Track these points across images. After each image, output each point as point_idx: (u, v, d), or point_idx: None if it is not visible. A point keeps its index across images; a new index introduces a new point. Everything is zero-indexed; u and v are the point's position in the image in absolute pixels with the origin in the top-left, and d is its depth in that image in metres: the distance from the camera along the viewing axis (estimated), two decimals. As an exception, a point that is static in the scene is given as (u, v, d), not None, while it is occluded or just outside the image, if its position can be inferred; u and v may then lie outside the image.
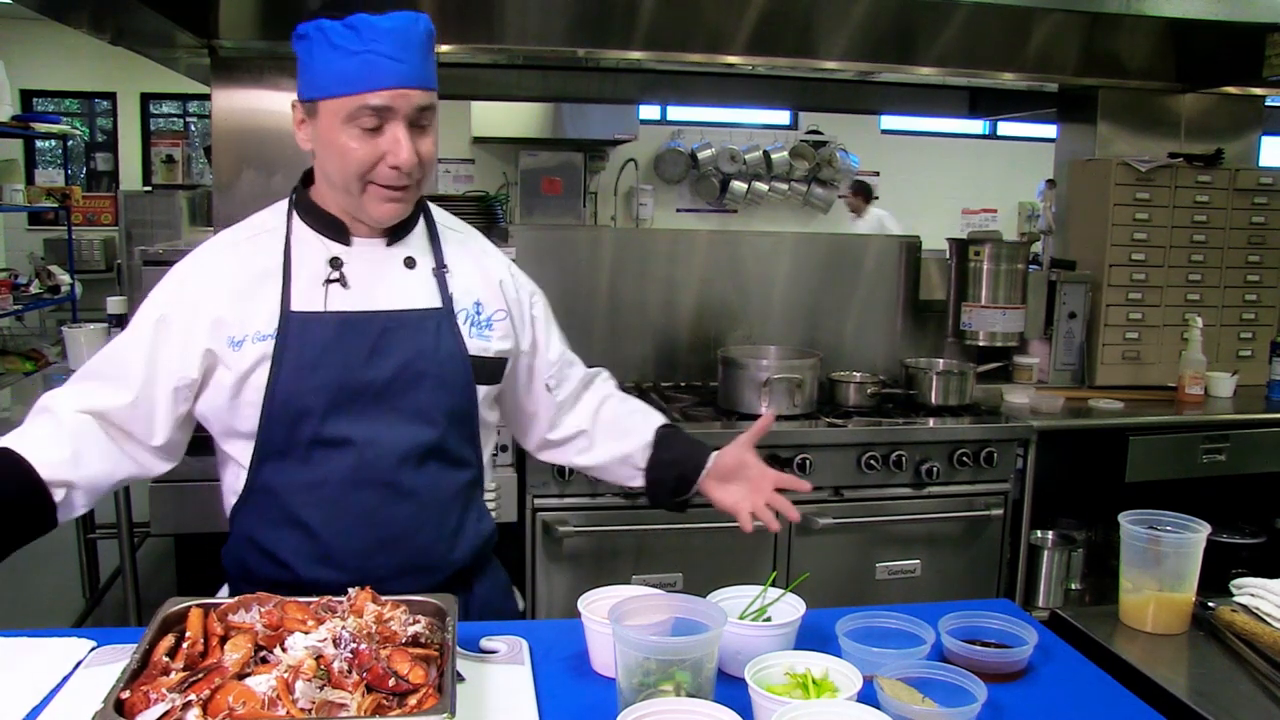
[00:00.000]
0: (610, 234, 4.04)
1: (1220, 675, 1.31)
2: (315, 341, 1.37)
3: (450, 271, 1.47)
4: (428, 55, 1.34)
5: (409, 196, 1.39)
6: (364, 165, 1.33)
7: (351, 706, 0.97)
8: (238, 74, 2.98)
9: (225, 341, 1.37)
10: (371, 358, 1.38)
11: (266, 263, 1.41)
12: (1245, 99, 3.53)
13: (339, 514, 1.38)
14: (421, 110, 1.34)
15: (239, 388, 1.37)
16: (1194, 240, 3.30)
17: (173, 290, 1.41)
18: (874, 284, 3.36)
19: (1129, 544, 1.43)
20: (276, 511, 1.40)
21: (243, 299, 1.38)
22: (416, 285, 1.44)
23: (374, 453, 1.38)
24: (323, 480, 1.38)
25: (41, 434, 1.36)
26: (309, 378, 1.36)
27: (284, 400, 1.36)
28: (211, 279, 1.40)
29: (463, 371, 1.44)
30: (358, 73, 1.29)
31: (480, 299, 1.49)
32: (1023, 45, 3.32)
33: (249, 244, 1.44)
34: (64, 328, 3.27)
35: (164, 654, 1.05)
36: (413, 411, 1.40)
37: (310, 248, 1.42)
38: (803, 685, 1.11)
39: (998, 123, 8.21)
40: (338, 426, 1.37)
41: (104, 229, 8.32)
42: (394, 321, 1.40)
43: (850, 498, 2.72)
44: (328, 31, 1.30)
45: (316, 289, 1.39)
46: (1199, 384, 3.14)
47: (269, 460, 1.39)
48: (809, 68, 3.37)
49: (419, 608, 1.16)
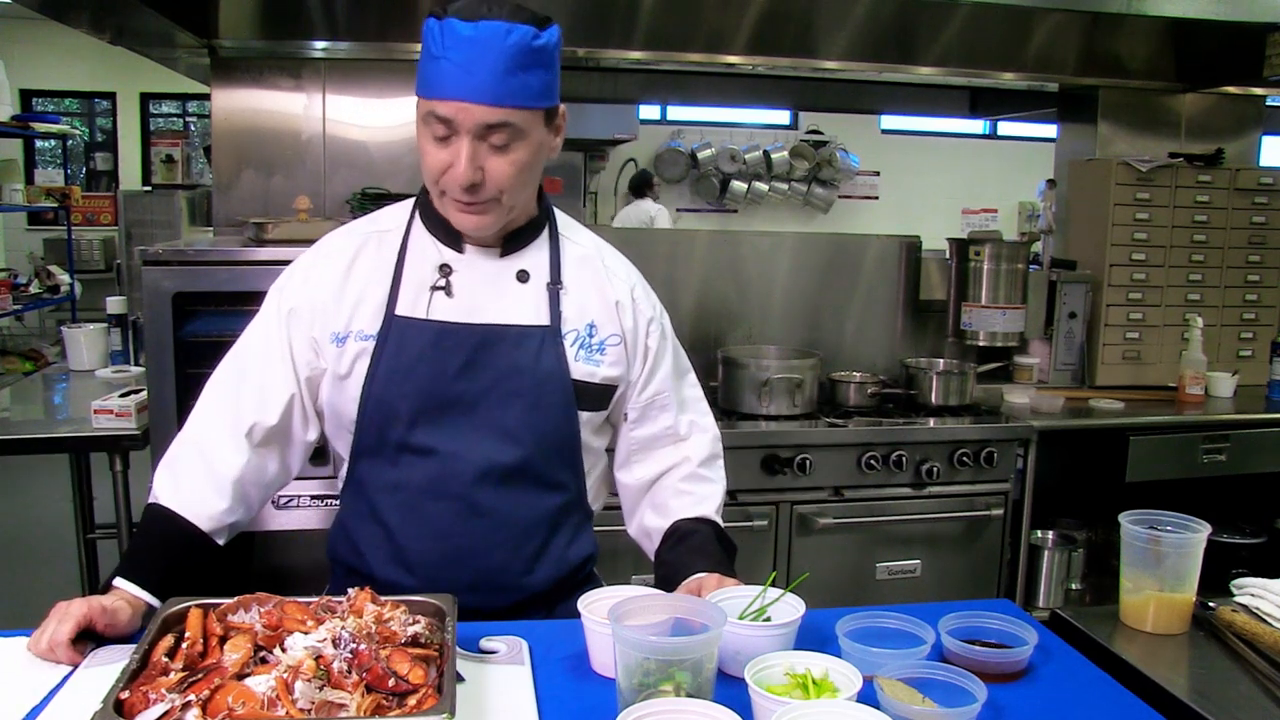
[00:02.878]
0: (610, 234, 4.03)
1: (1221, 676, 1.31)
2: (411, 347, 1.37)
3: (565, 289, 1.43)
4: (514, 72, 1.25)
5: (490, 211, 1.34)
6: (434, 172, 1.32)
7: (351, 707, 0.97)
8: (238, 74, 2.98)
9: (330, 337, 1.39)
10: (464, 370, 1.37)
11: (383, 263, 1.41)
12: (1245, 99, 3.53)
13: (416, 520, 1.39)
14: (490, 128, 1.27)
15: (341, 383, 1.39)
16: (1194, 240, 3.30)
17: (297, 281, 1.42)
18: (874, 284, 3.36)
19: (1129, 544, 1.43)
20: (364, 506, 1.43)
21: (352, 297, 1.39)
22: (526, 300, 1.41)
23: (455, 465, 1.38)
24: (404, 485, 1.39)
25: (198, 484, 1.36)
26: (401, 383, 1.37)
27: (376, 402, 1.37)
28: (328, 274, 1.41)
29: (561, 394, 1.40)
30: (433, 78, 1.27)
31: (595, 321, 1.44)
32: (1023, 45, 3.33)
33: (368, 242, 1.43)
34: (63, 327, 3.27)
35: (163, 654, 1.05)
36: (500, 429, 1.38)
37: (424, 252, 1.41)
38: (803, 685, 1.11)
39: (998, 123, 8.22)
40: (424, 435, 1.37)
41: (104, 229, 8.32)
42: (493, 335, 1.38)
43: (850, 498, 2.72)
44: (429, 28, 1.27)
45: (422, 294, 1.39)
46: (1199, 384, 3.14)
47: (362, 457, 1.41)
48: (809, 67, 3.37)
49: (418, 608, 1.16)
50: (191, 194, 4.50)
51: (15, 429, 2.55)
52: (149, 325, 2.41)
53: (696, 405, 1.57)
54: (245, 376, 1.42)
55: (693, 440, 1.54)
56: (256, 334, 1.44)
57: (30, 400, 3.01)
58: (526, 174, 1.34)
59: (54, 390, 3.05)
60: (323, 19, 2.91)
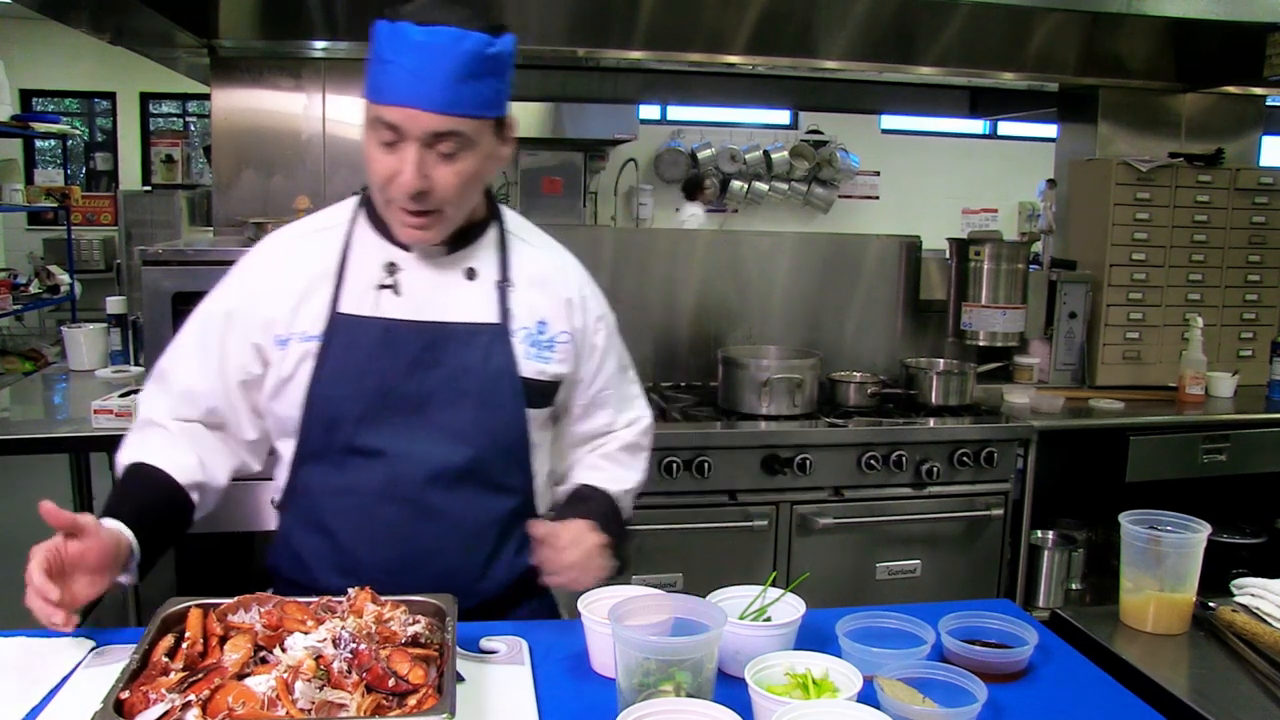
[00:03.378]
0: (610, 234, 4.04)
1: (1221, 675, 1.31)
2: (358, 347, 1.35)
3: (514, 286, 1.41)
4: (465, 80, 1.23)
5: (434, 226, 1.32)
6: (380, 178, 1.29)
7: (351, 707, 0.97)
8: (237, 74, 2.98)
9: (273, 340, 1.36)
10: (413, 369, 1.35)
11: (324, 262, 1.38)
12: (1246, 99, 3.53)
13: (366, 525, 1.37)
14: (439, 136, 1.24)
15: (284, 386, 1.36)
16: (1194, 240, 3.30)
17: (235, 285, 1.41)
18: (874, 284, 3.36)
19: (1129, 544, 1.43)
20: (308, 514, 1.40)
21: (295, 297, 1.37)
22: (475, 298, 1.39)
23: (405, 467, 1.35)
24: (353, 489, 1.37)
25: (162, 443, 1.38)
26: (347, 383, 1.34)
27: (321, 404, 1.35)
28: (269, 275, 1.39)
29: (510, 392, 1.38)
30: (382, 82, 1.24)
31: (545, 318, 1.43)
32: (1023, 45, 3.32)
33: (310, 241, 1.41)
34: (63, 327, 3.27)
35: (163, 654, 1.05)
36: (450, 430, 1.36)
37: (369, 250, 1.39)
38: (803, 685, 1.11)
39: (998, 122, 8.21)
40: (372, 436, 1.35)
41: (103, 229, 8.31)
42: (442, 334, 1.36)
43: (850, 498, 2.72)
44: (379, 31, 1.25)
45: (369, 293, 1.37)
46: (1199, 384, 3.14)
47: (306, 462, 1.39)
48: (809, 67, 3.38)
49: (419, 608, 1.16)
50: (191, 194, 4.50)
51: (15, 429, 2.55)
52: (149, 325, 2.41)
53: (635, 402, 1.60)
54: (168, 384, 1.42)
55: (621, 431, 1.57)
56: (188, 342, 1.43)
57: (30, 400, 3.01)
58: (473, 184, 1.32)
59: (54, 390, 3.05)
60: (322, 19, 2.91)
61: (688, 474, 2.59)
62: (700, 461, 2.59)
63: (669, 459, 2.56)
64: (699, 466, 2.59)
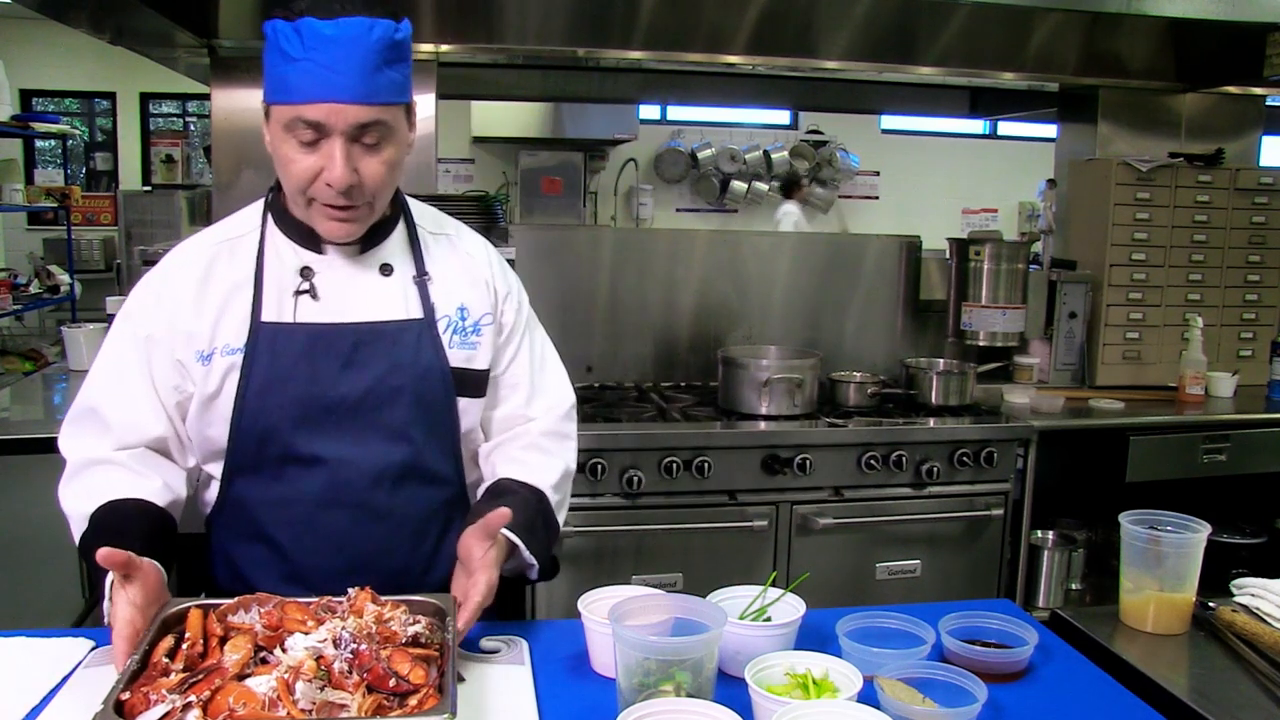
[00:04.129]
0: (610, 234, 4.04)
1: (1221, 676, 1.31)
2: (283, 355, 1.31)
3: (431, 278, 1.40)
4: (380, 68, 1.23)
5: (358, 216, 1.31)
6: (302, 180, 1.26)
7: (352, 707, 0.97)
8: (237, 74, 2.97)
9: (194, 356, 1.32)
10: (344, 372, 1.33)
11: (238, 272, 1.35)
12: (1246, 99, 3.53)
13: (308, 534, 1.34)
14: (363, 128, 1.24)
15: (210, 402, 1.32)
16: (1194, 240, 3.30)
17: (149, 304, 1.35)
18: (874, 284, 3.36)
19: (1129, 544, 1.43)
20: (246, 526, 1.37)
21: (214, 311, 1.33)
22: (394, 294, 1.37)
23: (347, 473, 1.33)
24: (293, 499, 1.34)
25: (120, 476, 1.31)
26: (276, 393, 1.31)
27: (251, 416, 1.31)
28: (181, 290, 1.34)
29: (442, 385, 1.38)
30: (295, 82, 1.21)
31: (465, 304, 1.42)
32: (1023, 45, 3.32)
33: (221, 251, 1.37)
34: (63, 327, 3.26)
35: (164, 655, 1.04)
36: (388, 429, 1.34)
37: (282, 256, 1.36)
38: (803, 685, 1.11)
39: (998, 122, 8.20)
40: (308, 444, 1.32)
41: (103, 229, 8.30)
42: (368, 334, 1.34)
43: (850, 498, 2.72)
44: (278, 32, 1.22)
45: (287, 299, 1.34)
46: (1199, 384, 3.14)
47: (240, 475, 1.35)
48: (809, 67, 3.38)
49: (419, 608, 1.16)
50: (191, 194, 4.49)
51: (15, 429, 2.55)
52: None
53: (554, 386, 1.54)
54: (102, 419, 1.34)
55: (540, 418, 1.51)
56: (109, 372, 1.35)
57: (30, 400, 3.01)
58: (396, 173, 1.32)
59: (54, 390, 3.05)
60: (322, 19, 2.91)
61: (687, 474, 2.58)
62: (700, 461, 2.59)
63: (669, 459, 2.56)
64: (699, 466, 2.58)
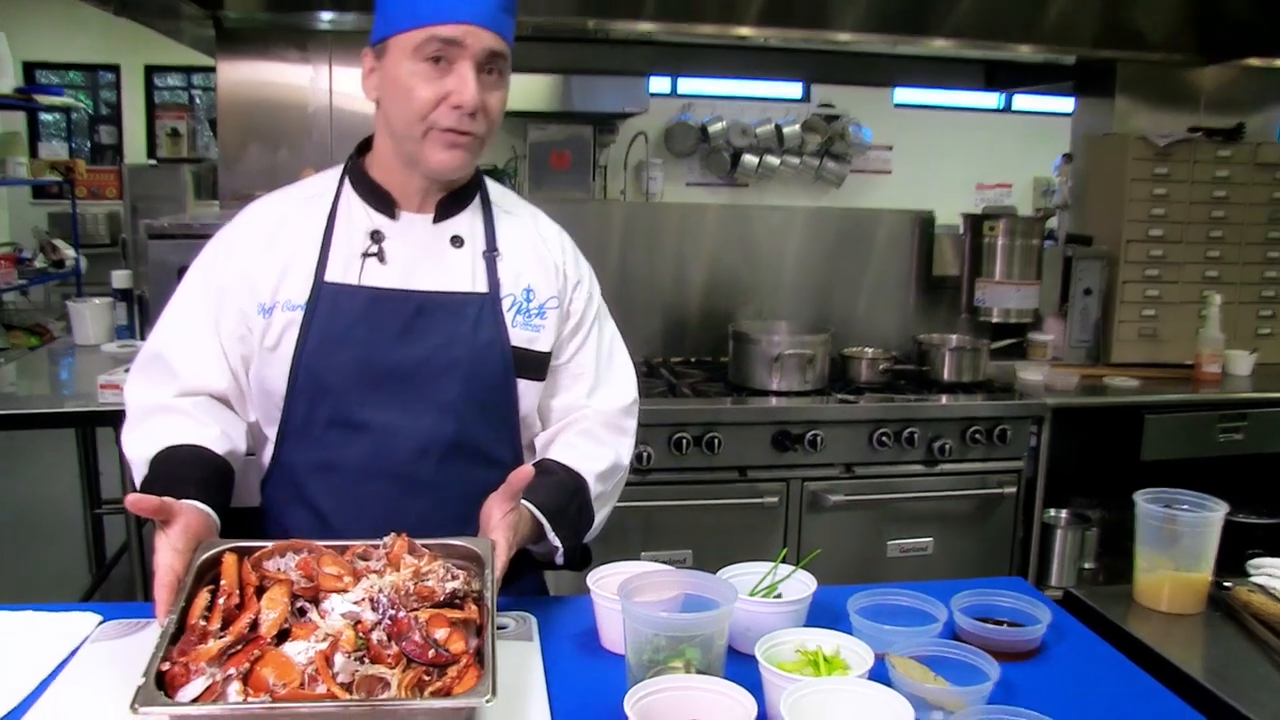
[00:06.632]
0: (620, 208, 4.02)
1: (1236, 656, 1.29)
2: (344, 315, 1.32)
3: (501, 255, 1.39)
4: (508, 6, 1.29)
5: (472, 146, 1.31)
6: (426, 105, 1.26)
7: (392, 684, 0.95)
8: (243, 46, 2.95)
9: (256, 308, 1.33)
10: (401, 339, 1.32)
11: (308, 230, 1.36)
12: (1267, 72, 3.46)
13: (351, 502, 1.34)
14: (493, 55, 1.27)
15: (270, 356, 1.33)
16: (1213, 216, 3.25)
17: (221, 255, 1.37)
18: (886, 259, 3.33)
19: (1144, 523, 1.41)
20: (292, 490, 1.37)
21: (278, 266, 1.34)
22: (462, 267, 1.37)
23: (392, 441, 1.32)
24: (337, 464, 1.33)
25: (180, 422, 1.31)
26: (332, 353, 1.31)
27: (307, 374, 1.31)
28: (251, 244, 1.36)
29: (500, 363, 1.36)
30: (431, 4, 1.24)
31: (532, 285, 1.40)
32: (1040, 17, 3.27)
33: (294, 209, 1.39)
34: (69, 302, 3.27)
35: (201, 614, 1.02)
36: (439, 402, 1.33)
37: (355, 218, 1.37)
38: (814, 663, 1.10)
39: (1013, 96, 8.11)
40: (358, 409, 1.32)
41: (108, 203, 8.30)
42: (430, 303, 1.34)
43: (862, 475, 2.71)
44: None
45: (354, 261, 1.34)
46: (1216, 362, 3.11)
47: (289, 437, 1.35)
48: (822, 40, 3.33)
49: (455, 551, 1.12)
50: (197, 168, 4.47)
51: (21, 404, 2.55)
52: (154, 299, 2.41)
53: (620, 380, 1.51)
54: (168, 365, 1.35)
55: (600, 408, 1.48)
56: (178, 320, 1.37)
57: (36, 375, 3.01)
58: (502, 119, 1.34)
59: (60, 365, 3.05)
60: (329, -10, 2.88)
61: (698, 450, 2.57)
62: (710, 437, 2.57)
63: (679, 435, 2.55)
64: (709, 442, 2.57)
